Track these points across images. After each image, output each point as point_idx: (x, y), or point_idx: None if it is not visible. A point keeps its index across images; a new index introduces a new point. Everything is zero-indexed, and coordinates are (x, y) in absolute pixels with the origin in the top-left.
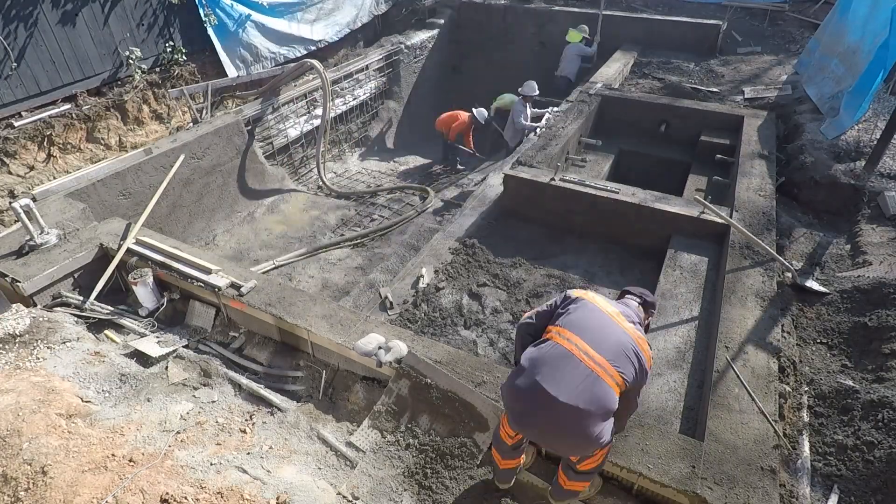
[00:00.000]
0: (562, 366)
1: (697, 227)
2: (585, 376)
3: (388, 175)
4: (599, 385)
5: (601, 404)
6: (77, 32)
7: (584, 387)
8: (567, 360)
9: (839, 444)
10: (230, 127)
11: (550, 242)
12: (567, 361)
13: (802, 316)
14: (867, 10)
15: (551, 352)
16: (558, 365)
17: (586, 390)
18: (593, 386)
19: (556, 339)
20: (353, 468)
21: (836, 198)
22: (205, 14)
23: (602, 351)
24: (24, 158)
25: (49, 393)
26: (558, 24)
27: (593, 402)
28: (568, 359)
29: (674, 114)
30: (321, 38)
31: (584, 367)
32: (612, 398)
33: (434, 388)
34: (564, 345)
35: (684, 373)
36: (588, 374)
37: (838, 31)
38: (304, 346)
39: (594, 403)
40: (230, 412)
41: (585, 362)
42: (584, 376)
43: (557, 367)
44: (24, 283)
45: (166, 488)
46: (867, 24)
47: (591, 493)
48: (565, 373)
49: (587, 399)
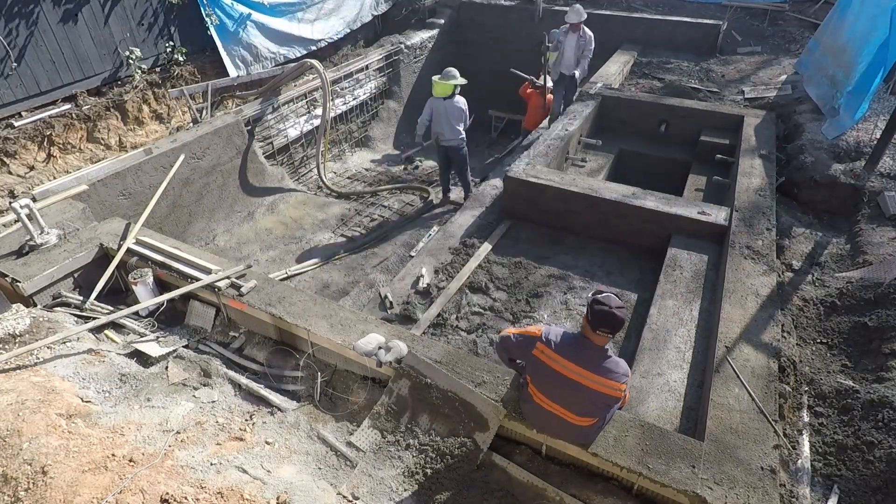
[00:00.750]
0: (552, 421)
1: (697, 227)
2: (567, 425)
3: (387, 175)
4: (581, 427)
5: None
6: (77, 32)
7: (570, 430)
8: (554, 417)
9: (839, 444)
10: (230, 127)
11: (550, 242)
12: (555, 418)
13: (802, 316)
14: (858, 8)
15: (539, 412)
16: (550, 422)
17: (573, 431)
18: (577, 430)
19: (536, 401)
20: (353, 468)
21: (835, 198)
22: (206, 13)
23: (576, 411)
24: (24, 158)
25: (49, 393)
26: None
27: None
28: (554, 417)
29: (674, 114)
30: (321, 37)
31: (566, 421)
32: (598, 423)
33: (434, 388)
34: (546, 408)
35: (684, 373)
36: (570, 426)
37: (835, 30)
38: (304, 346)
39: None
40: (230, 412)
41: (567, 419)
42: (566, 425)
43: (549, 422)
44: (24, 283)
45: (166, 488)
46: (857, 22)
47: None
48: (557, 424)
49: (577, 434)
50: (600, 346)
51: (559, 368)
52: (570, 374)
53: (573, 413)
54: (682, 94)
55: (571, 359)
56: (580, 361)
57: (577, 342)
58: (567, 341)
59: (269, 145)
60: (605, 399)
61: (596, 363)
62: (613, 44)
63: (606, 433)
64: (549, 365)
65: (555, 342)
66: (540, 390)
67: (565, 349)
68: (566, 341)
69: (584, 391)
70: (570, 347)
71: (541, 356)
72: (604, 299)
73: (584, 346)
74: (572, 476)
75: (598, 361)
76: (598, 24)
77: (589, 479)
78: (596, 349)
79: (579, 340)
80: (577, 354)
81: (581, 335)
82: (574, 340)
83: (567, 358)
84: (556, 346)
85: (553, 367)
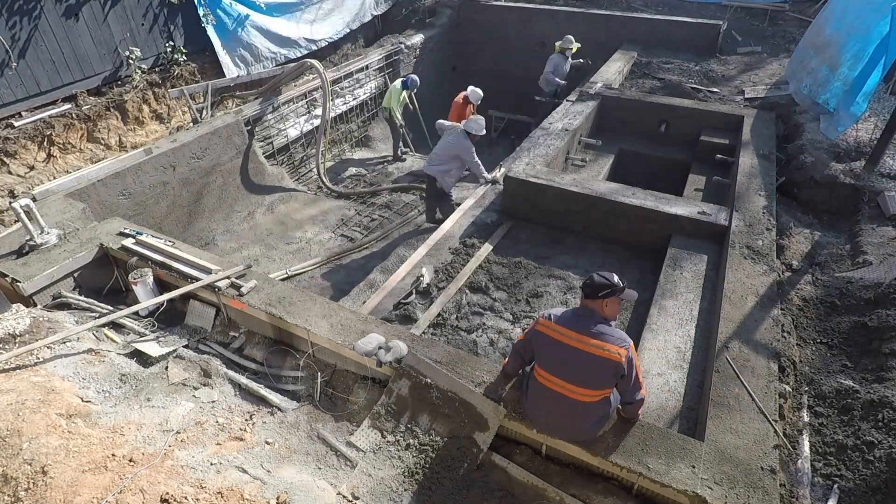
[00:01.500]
0: (554, 403)
1: (697, 227)
2: (570, 406)
3: (387, 175)
4: (584, 407)
5: (592, 418)
6: (77, 32)
7: (572, 416)
8: (556, 397)
9: (839, 444)
10: (230, 127)
11: (550, 242)
12: (557, 398)
13: (802, 316)
14: (844, 5)
15: (542, 393)
16: (552, 405)
17: (576, 415)
18: (580, 412)
19: (540, 381)
20: (353, 468)
21: (835, 198)
22: (203, 13)
23: (577, 382)
24: (24, 158)
25: (49, 393)
26: (559, 23)
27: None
28: (556, 396)
29: (674, 114)
30: (321, 37)
31: (568, 399)
32: (600, 409)
33: (434, 388)
34: (549, 386)
35: (684, 373)
36: (573, 404)
37: (819, 27)
38: (304, 345)
39: (587, 424)
40: (230, 412)
41: (569, 394)
42: (569, 406)
43: (551, 405)
44: (24, 283)
45: (166, 488)
46: (843, 19)
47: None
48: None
49: (579, 429)
50: (594, 312)
51: (560, 337)
52: (569, 341)
53: (575, 385)
54: (682, 94)
55: (571, 327)
56: (577, 328)
57: (576, 312)
58: (568, 313)
59: (269, 145)
60: (604, 364)
61: (591, 328)
62: (613, 44)
63: (606, 433)
64: (551, 336)
65: (555, 315)
66: (543, 367)
67: (565, 320)
68: (567, 313)
69: (584, 357)
70: (570, 317)
71: (544, 329)
72: (602, 272)
73: (580, 314)
74: (572, 476)
75: (593, 326)
76: (599, 24)
77: (589, 479)
78: (591, 315)
79: (578, 311)
80: (575, 323)
81: (578, 306)
82: (573, 312)
83: (566, 326)
84: (556, 318)
85: (554, 336)
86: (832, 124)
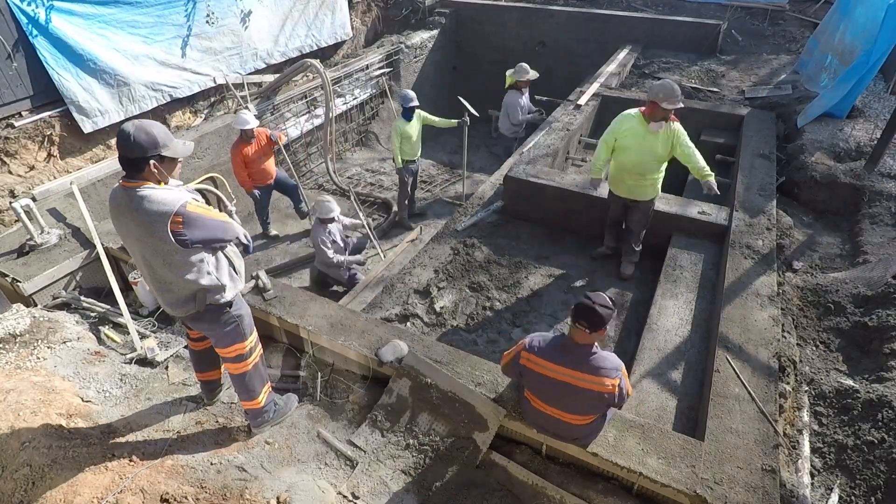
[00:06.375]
0: (551, 423)
1: (697, 226)
2: (566, 425)
3: (387, 174)
4: (580, 427)
5: (588, 430)
6: None
7: (569, 430)
8: (552, 419)
9: (839, 444)
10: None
11: (550, 242)
12: (553, 420)
13: (802, 316)
14: (852, 5)
15: (537, 413)
16: (549, 424)
17: (572, 430)
18: (575, 428)
19: (534, 405)
20: (353, 468)
21: (836, 197)
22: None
23: (572, 411)
24: (25, 158)
25: (49, 393)
26: (558, 23)
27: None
28: (552, 419)
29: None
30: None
31: (563, 422)
32: (596, 425)
33: (434, 388)
34: (543, 411)
35: (684, 373)
36: (568, 427)
37: (833, 28)
38: (304, 345)
39: (583, 435)
40: (230, 412)
41: (564, 419)
42: (565, 425)
43: (548, 424)
44: (25, 283)
45: (166, 488)
46: (851, 18)
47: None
48: (555, 426)
49: (578, 432)
50: (583, 344)
51: (547, 373)
52: (558, 376)
53: (570, 413)
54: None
55: (557, 361)
56: (566, 363)
57: (561, 344)
58: (552, 344)
59: None
60: (598, 396)
61: (582, 362)
62: (613, 44)
63: (606, 433)
64: (538, 371)
65: (538, 347)
66: (535, 395)
67: (550, 353)
68: (551, 345)
69: (576, 391)
70: (555, 350)
71: (528, 364)
72: (593, 295)
73: (567, 346)
74: (572, 476)
75: (584, 360)
76: (598, 24)
77: (589, 479)
78: (580, 347)
79: (563, 341)
80: (562, 356)
81: (565, 336)
82: (558, 343)
83: (552, 361)
84: (540, 351)
85: (541, 372)
86: (806, 112)
